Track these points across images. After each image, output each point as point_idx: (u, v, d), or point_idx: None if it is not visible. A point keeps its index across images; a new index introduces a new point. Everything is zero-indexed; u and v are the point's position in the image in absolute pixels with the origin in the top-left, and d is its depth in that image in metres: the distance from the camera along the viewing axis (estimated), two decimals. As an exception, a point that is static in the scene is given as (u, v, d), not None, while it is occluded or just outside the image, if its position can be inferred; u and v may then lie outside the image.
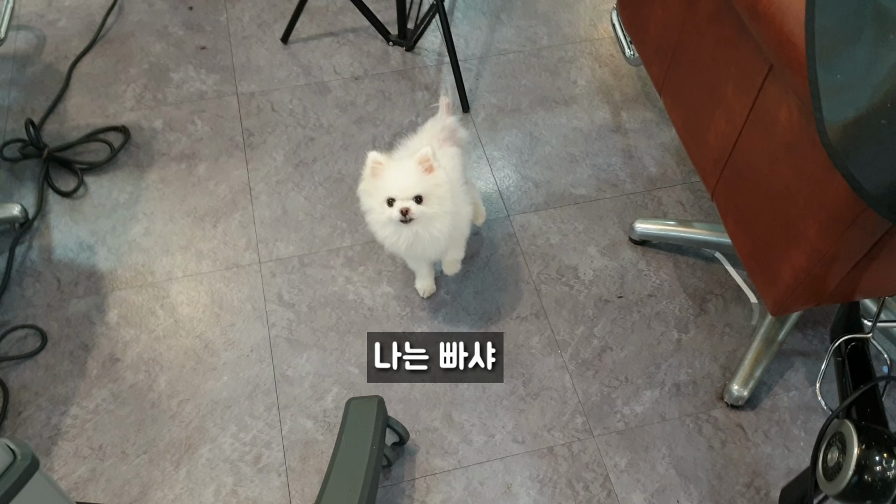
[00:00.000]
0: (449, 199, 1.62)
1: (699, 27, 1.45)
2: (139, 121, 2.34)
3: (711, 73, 1.44)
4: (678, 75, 1.58)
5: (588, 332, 1.93)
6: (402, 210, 1.57)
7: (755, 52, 1.27)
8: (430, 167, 1.58)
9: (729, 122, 1.40)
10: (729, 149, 1.42)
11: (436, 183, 1.59)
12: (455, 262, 1.96)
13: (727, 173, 1.45)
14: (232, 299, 1.97)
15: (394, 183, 1.58)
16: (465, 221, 1.80)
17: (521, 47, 2.59)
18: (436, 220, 1.63)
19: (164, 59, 2.51)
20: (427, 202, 1.59)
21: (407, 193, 1.57)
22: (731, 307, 1.98)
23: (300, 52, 2.54)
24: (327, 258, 2.05)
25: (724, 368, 1.87)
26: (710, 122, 1.47)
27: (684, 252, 2.08)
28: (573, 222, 2.14)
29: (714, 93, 1.44)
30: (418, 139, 1.80)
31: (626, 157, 2.29)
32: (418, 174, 1.57)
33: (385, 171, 1.60)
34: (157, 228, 2.10)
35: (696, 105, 1.52)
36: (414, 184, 1.57)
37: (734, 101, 1.37)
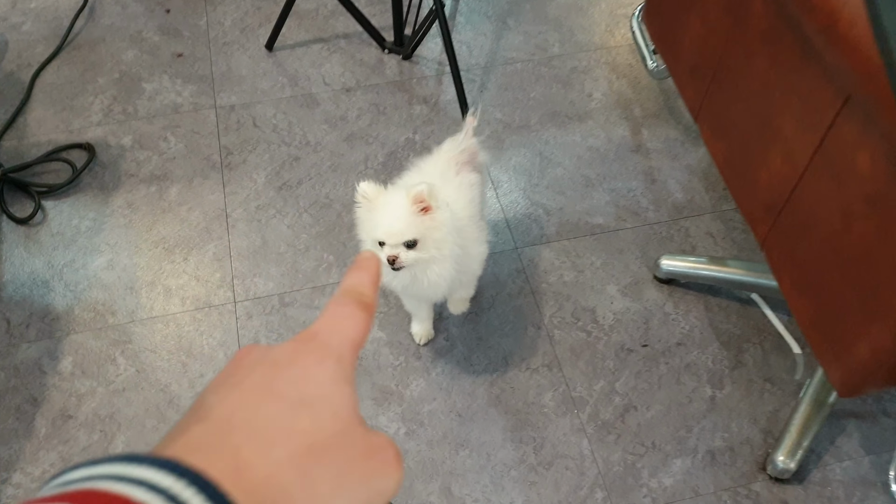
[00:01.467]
0: (450, 242, 1.38)
1: (749, 46, 1.20)
2: (106, 137, 2.10)
3: (764, 102, 1.20)
4: (720, 101, 1.34)
5: (609, 388, 1.69)
6: (389, 258, 1.33)
7: (824, 79, 1.03)
8: (426, 207, 1.34)
9: (787, 163, 1.16)
10: (786, 194, 1.18)
11: (433, 226, 1.35)
12: (463, 301, 1.73)
13: (784, 222, 1.21)
14: (202, 345, 1.73)
15: (383, 225, 1.34)
16: (478, 261, 1.56)
17: (530, 56, 2.34)
18: (434, 264, 1.39)
19: (136, 67, 2.27)
20: (422, 247, 1.35)
21: (395, 239, 1.33)
22: (772, 358, 1.74)
23: (286, 60, 2.30)
24: (311, 297, 1.81)
25: (766, 433, 1.63)
26: (762, 159, 1.23)
27: (716, 293, 1.84)
28: (590, 256, 1.90)
29: (768, 126, 1.20)
30: (433, 161, 1.55)
31: (649, 181, 2.05)
32: (410, 216, 1.33)
33: (375, 207, 1.36)
34: (122, 261, 1.86)
35: (744, 138, 1.28)
36: (403, 228, 1.32)
37: (794, 139, 1.13)
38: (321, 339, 0.37)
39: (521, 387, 1.68)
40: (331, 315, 0.38)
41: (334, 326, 0.38)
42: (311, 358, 0.36)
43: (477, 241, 1.52)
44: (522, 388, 1.68)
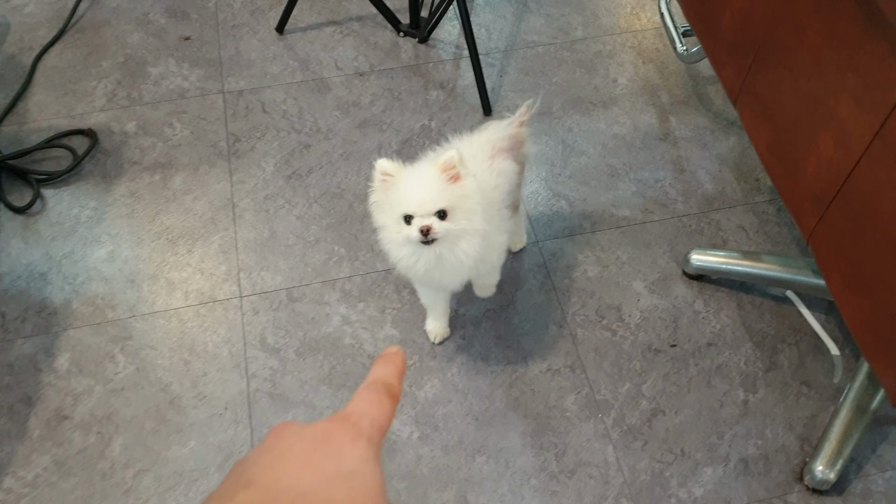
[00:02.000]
0: (479, 213, 1.28)
1: (799, 20, 1.09)
2: (109, 123, 2.01)
3: (816, 80, 1.09)
4: (763, 82, 1.23)
5: (635, 391, 1.58)
6: (423, 229, 1.24)
7: (891, 54, 0.92)
8: (455, 175, 1.25)
9: (841, 148, 1.05)
10: (838, 183, 1.07)
11: (463, 194, 1.26)
12: (489, 286, 1.64)
13: (835, 214, 1.10)
14: (206, 342, 1.64)
15: (411, 196, 1.25)
16: (497, 252, 1.46)
17: (552, 39, 2.23)
18: (462, 240, 1.30)
19: (142, 50, 2.18)
20: (452, 217, 1.26)
21: (427, 208, 1.24)
22: (808, 360, 1.64)
23: (297, 43, 2.20)
24: (321, 292, 1.72)
25: (803, 440, 1.53)
26: (811, 144, 1.12)
27: (749, 290, 1.73)
28: (615, 250, 1.79)
29: (819, 107, 1.09)
30: (467, 141, 1.45)
31: (677, 171, 1.94)
32: (441, 184, 1.24)
33: (399, 182, 1.26)
34: (123, 253, 1.78)
35: (791, 121, 1.17)
36: (436, 196, 1.24)
37: (851, 121, 1.02)
38: (353, 420, 0.40)
39: (541, 389, 1.58)
40: (362, 400, 0.42)
41: (365, 411, 0.41)
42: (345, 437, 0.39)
43: (498, 229, 1.42)
44: (543, 390, 1.58)
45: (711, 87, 2.13)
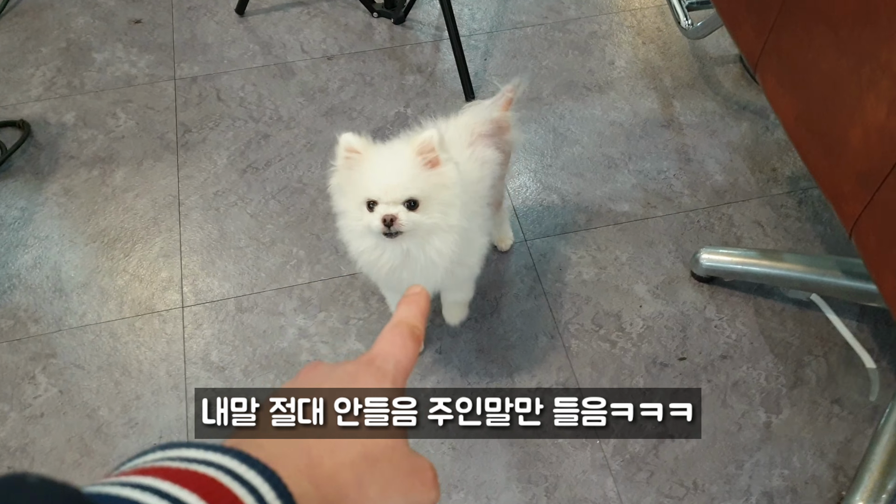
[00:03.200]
0: (458, 207, 1.07)
1: (838, -45, 0.87)
2: (45, 114, 1.79)
3: (862, 29, 0.87)
4: (791, 38, 1.01)
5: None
6: (385, 218, 1.03)
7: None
8: (434, 159, 1.04)
9: (895, 113, 0.83)
10: (894, 157, 0.84)
11: (440, 183, 1.05)
12: (460, 306, 1.40)
13: (886, 197, 0.88)
14: (140, 360, 1.42)
15: (377, 178, 1.04)
16: (477, 255, 1.23)
17: (542, 19, 2.02)
18: (435, 236, 1.09)
19: (86, 35, 1.96)
20: (424, 208, 1.05)
21: (394, 195, 1.03)
22: (840, 375, 1.41)
23: (259, 25, 1.98)
24: (275, 300, 1.49)
25: (837, 469, 1.30)
26: (854, 111, 0.90)
27: (768, 294, 1.51)
28: (613, 250, 1.57)
29: (865, 63, 0.87)
30: (446, 125, 1.23)
31: (683, 161, 1.72)
32: (414, 168, 1.04)
33: (365, 161, 1.05)
34: (51, 258, 1.55)
35: (827, 85, 0.95)
36: (406, 181, 1.03)
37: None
38: (378, 363, 0.41)
39: (529, 411, 1.36)
40: (387, 342, 0.43)
41: (390, 353, 0.42)
42: (371, 379, 0.40)
43: (480, 229, 1.20)
44: (531, 412, 1.35)
45: (720, 67, 1.91)
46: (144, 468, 0.29)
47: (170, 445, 0.31)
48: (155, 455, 0.31)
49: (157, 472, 0.29)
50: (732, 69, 1.91)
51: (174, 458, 0.30)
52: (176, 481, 0.29)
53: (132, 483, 0.28)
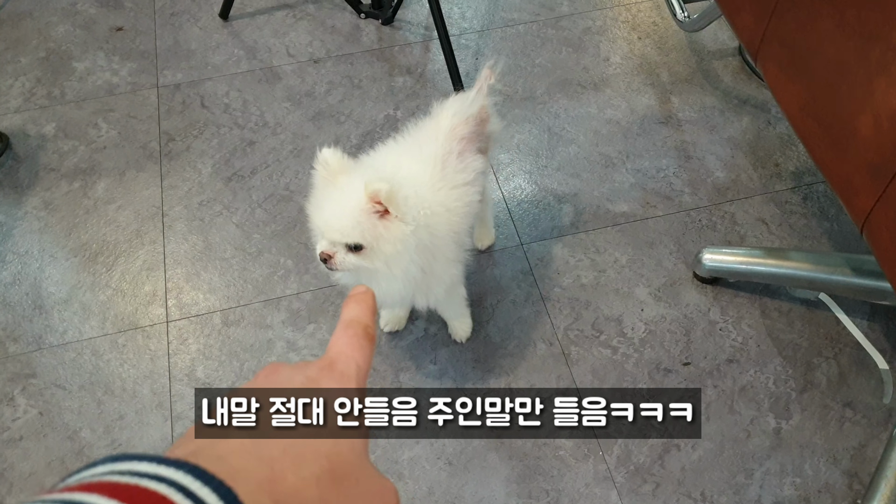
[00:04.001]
0: (405, 262, 1.02)
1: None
2: (25, 125, 1.74)
3: (870, 11, 0.81)
4: (793, 24, 0.95)
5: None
6: (322, 255, 1.00)
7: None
8: (383, 212, 0.98)
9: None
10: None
11: (388, 237, 0.99)
12: (459, 321, 1.37)
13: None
14: (124, 379, 1.37)
15: (323, 212, 1.00)
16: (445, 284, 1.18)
17: (535, 16, 1.96)
18: (381, 279, 1.05)
19: (67, 44, 1.91)
20: (368, 255, 1.01)
21: (332, 235, 0.99)
22: (851, 377, 1.35)
23: (244, 30, 1.93)
24: (262, 313, 1.44)
25: (851, 476, 1.24)
26: (864, 98, 0.84)
27: (774, 294, 1.45)
28: (612, 252, 1.52)
29: (874, 46, 0.81)
30: (432, 133, 1.16)
31: (683, 159, 1.66)
32: (361, 215, 0.98)
33: (328, 185, 1.00)
34: (31, 274, 1.50)
35: (833, 71, 0.89)
36: (347, 227, 0.98)
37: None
38: (340, 368, 0.39)
39: (528, 422, 1.30)
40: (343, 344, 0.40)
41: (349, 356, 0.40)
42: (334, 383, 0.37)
43: (450, 261, 1.14)
44: (531, 423, 1.30)
45: (718, 61, 1.85)
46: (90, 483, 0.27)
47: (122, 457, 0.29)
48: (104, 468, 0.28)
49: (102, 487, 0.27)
50: (731, 62, 1.85)
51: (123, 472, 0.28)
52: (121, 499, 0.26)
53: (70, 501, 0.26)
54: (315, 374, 0.38)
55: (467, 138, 1.16)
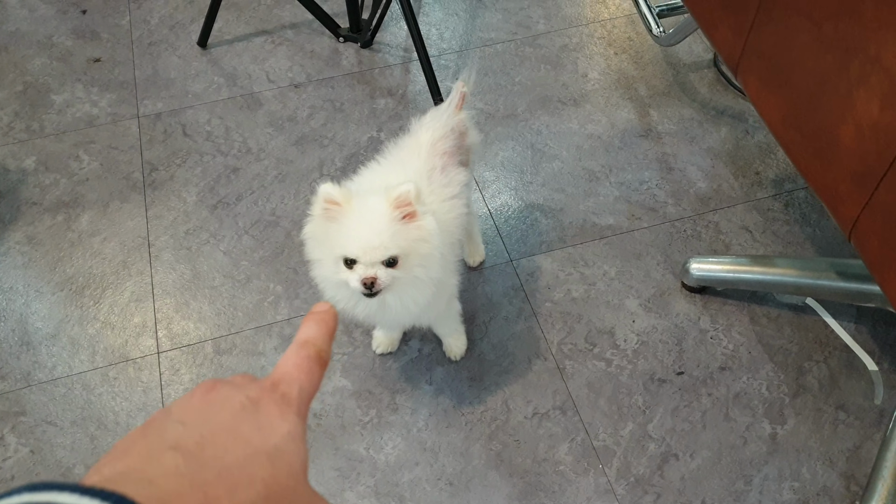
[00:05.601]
0: (437, 258, 1.03)
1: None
2: (4, 160, 1.73)
3: (847, 23, 0.83)
4: (772, 37, 0.97)
5: (640, 432, 1.31)
6: (366, 281, 0.99)
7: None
8: (412, 213, 0.99)
9: (891, 107, 0.79)
10: (889, 154, 0.81)
11: (419, 237, 1.01)
12: (454, 338, 1.39)
13: (885, 197, 0.84)
14: (117, 412, 1.35)
15: (356, 238, 0.99)
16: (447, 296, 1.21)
17: (512, 35, 1.98)
18: (413, 287, 1.06)
19: (44, 76, 1.90)
20: (404, 264, 1.01)
21: (375, 256, 0.99)
22: (842, 379, 1.37)
23: (223, 57, 1.93)
24: (254, 339, 1.43)
25: (848, 478, 1.26)
26: (844, 108, 0.86)
27: (762, 300, 1.47)
28: (601, 265, 1.53)
29: (853, 58, 0.83)
30: (413, 150, 1.17)
31: (664, 170, 1.68)
32: (393, 225, 0.99)
33: (344, 215, 1.00)
34: (16, 310, 1.48)
35: (813, 83, 0.91)
36: (387, 241, 0.98)
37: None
38: (283, 390, 0.38)
39: (527, 439, 1.30)
40: (292, 365, 0.39)
41: (294, 378, 0.39)
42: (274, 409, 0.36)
43: (452, 272, 1.17)
44: (530, 440, 1.30)
45: (694, 73, 1.88)
46: None
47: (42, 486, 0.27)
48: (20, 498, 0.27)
49: None
50: (707, 74, 1.88)
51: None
52: None
53: None
54: (256, 393, 0.36)
55: (448, 152, 1.17)
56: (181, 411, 0.35)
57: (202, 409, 0.35)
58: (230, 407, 0.35)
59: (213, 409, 0.35)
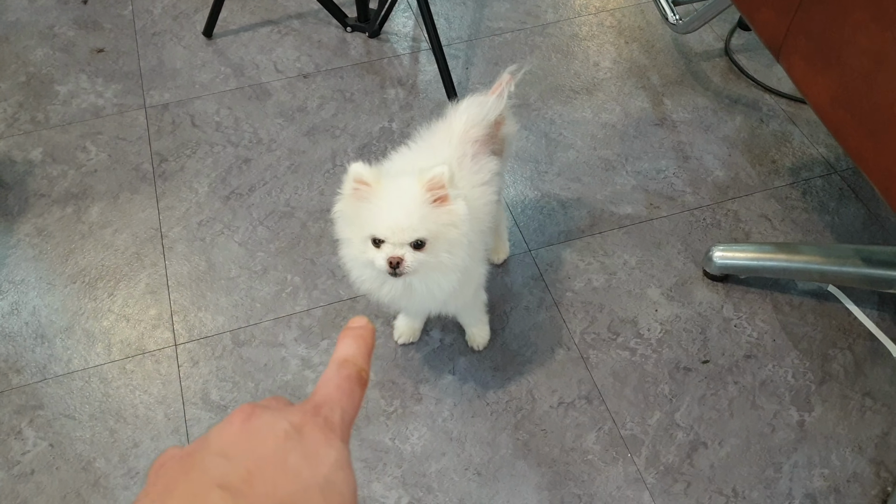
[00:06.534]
0: (465, 246, 1.01)
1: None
2: (10, 152, 1.69)
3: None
4: (822, 16, 0.96)
5: (668, 421, 1.30)
6: (392, 260, 0.98)
7: None
8: (443, 196, 0.98)
9: (950, 83, 0.78)
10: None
11: (449, 222, 1.00)
12: (478, 328, 1.37)
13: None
14: (135, 405, 1.33)
15: (385, 218, 0.98)
16: (474, 285, 1.20)
17: (521, 24, 1.97)
18: (438, 272, 1.05)
19: (47, 67, 1.87)
20: (431, 248, 1.00)
21: (403, 237, 0.97)
22: (867, 366, 1.37)
23: (229, 47, 1.91)
24: (273, 331, 1.41)
25: (877, 464, 1.25)
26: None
27: (784, 288, 1.46)
28: (621, 254, 1.52)
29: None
30: (444, 135, 1.15)
31: (681, 159, 1.68)
32: (424, 207, 0.98)
33: (374, 195, 0.98)
34: (30, 303, 1.45)
35: (868, 61, 0.90)
36: (416, 223, 0.97)
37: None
38: (325, 413, 0.36)
39: (554, 428, 1.29)
40: (333, 387, 0.38)
41: (336, 401, 0.37)
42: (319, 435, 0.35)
43: (479, 261, 1.16)
44: (557, 429, 1.29)
45: (706, 62, 1.87)
46: None
47: None
48: None
49: None
50: (719, 63, 1.87)
51: None
52: None
53: None
54: (298, 419, 0.35)
55: (480, 141, 1.16)
56: (222, 442, 0.33)
57: (244, 439, 0.33)
58: (273, 436, 0.34)
59: (255, 438, 0.33)
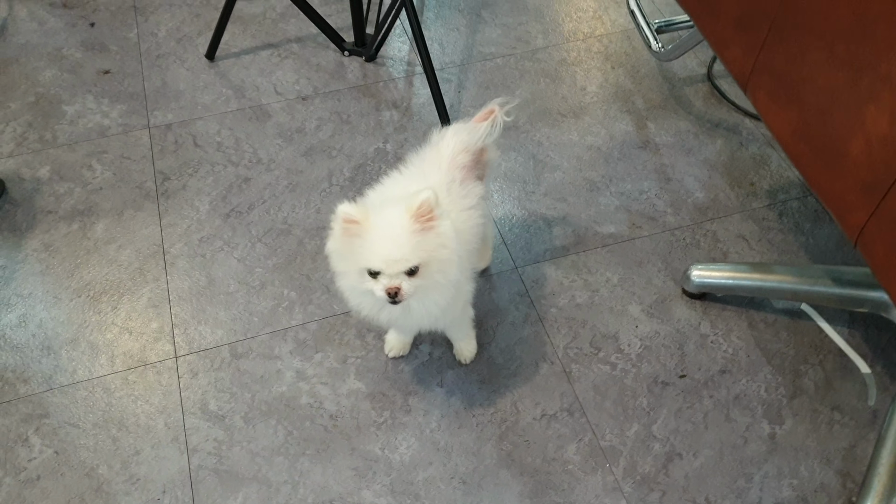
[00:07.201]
0: (455, 262, 1.08)
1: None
2: (19, 169, 1.76)
3: (859, 43, 0.89)
4: (783, 55, 1.03)
5: (645, 433, 1.36)
6: (390, 291, 1.04)
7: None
8: (430, 219, 1.04)
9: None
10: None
11: (439, 243, 1.06)
12: (465, 342, 1.44)
13: (891, 205, 0.90)
14: (137, 414, 1.39)
15: (378, 251, 1.04)
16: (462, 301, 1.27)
17: (511, 50, 2.04)
18: (434, 291, 1.11)
19: (55, 88, 1.94)
20: (425, 272, 1.07)
21: (397, 268, 1.04)
22: (836, 381, 1.43)
23: (231, 69, 1.98)
24: (270, 344, 1.47)
25: (844, 475, 1.32)
26: (854, 123, 0.92)
27: (759, 306, 1.53)
28: (604, 272, 1.58)
29: (864, 75, 0.89)
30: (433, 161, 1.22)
31: (663, 181, 1.74)
32: (414, 236, 1.04)
33: (364, 230, 1.04)
34: (37, 315, 1.52)
35: (824, 99, 0.97)
36: (408, 253, 1.04)
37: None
38: None
39: (537, 439, 1.35)
40: None
41: None
42: None
43: (468, 278, 1.23)
44: (539, 440, 1.35)
45: (689, 87, 1.94)
46: None
47: None
48: None
49: None
50: (701, 88, 1.94)
51: None
52: None
53: None
54: None
55: (467, 167, 1.23)
56: None
57: None
58: None
59: None
